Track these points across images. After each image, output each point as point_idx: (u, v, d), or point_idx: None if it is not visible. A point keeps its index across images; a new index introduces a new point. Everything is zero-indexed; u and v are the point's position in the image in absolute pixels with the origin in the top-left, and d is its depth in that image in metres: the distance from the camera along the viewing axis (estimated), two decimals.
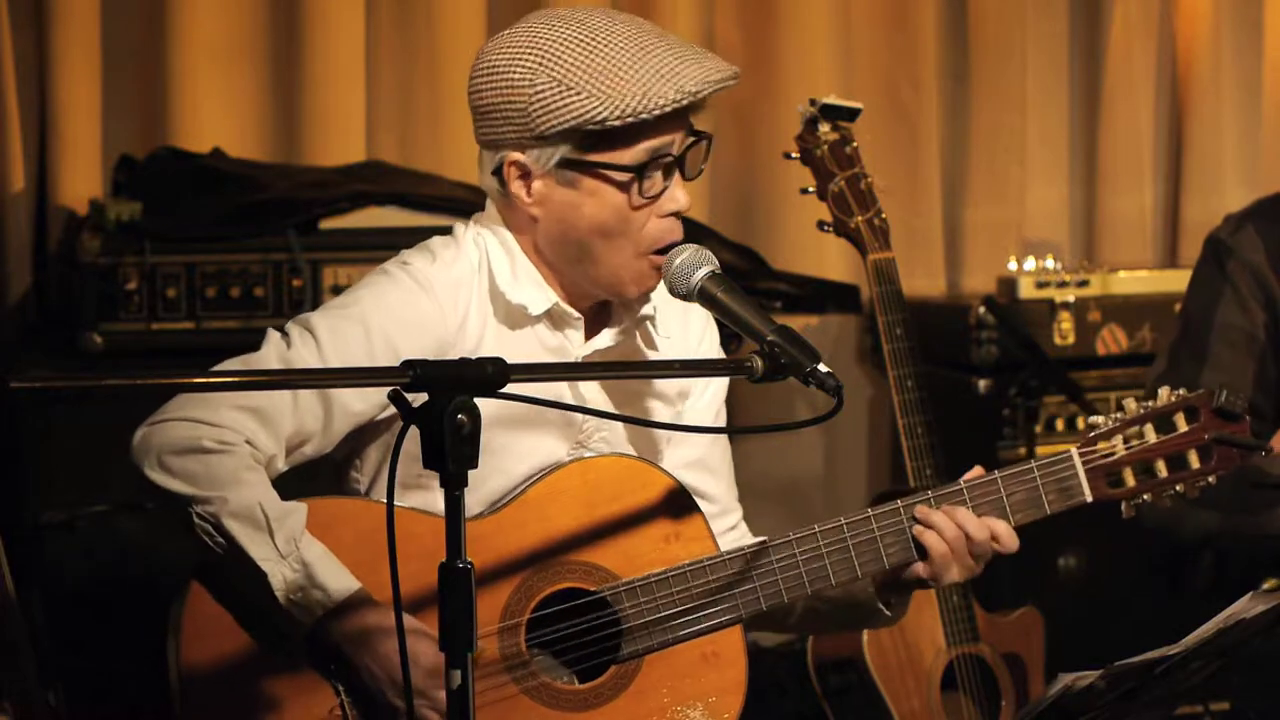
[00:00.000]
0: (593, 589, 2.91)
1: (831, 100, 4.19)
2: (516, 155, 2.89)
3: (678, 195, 2.90)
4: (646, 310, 3.02)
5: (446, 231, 3.06)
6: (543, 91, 2.83)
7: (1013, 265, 5.20)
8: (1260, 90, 5.73)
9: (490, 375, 2.41)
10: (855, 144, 4.19)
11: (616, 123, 2.81)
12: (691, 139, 2.91)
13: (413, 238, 3.06)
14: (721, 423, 3.16)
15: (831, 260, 5.31)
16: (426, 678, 2.71)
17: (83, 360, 4.38)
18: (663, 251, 2.90)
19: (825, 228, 4.21)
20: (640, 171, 2.86)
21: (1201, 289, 3.78)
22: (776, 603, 2.94)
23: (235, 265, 4.45)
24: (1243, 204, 3.98)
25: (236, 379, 2.68)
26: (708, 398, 3.14)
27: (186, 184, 4.62)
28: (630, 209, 2.87)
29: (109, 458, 2.84)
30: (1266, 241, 3.73)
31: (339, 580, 2.78)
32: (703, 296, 2.86)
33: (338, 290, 4.44)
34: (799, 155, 4.20)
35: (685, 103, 2.82)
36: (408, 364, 2.36)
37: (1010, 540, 2.96)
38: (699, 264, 2.86)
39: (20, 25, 4.81)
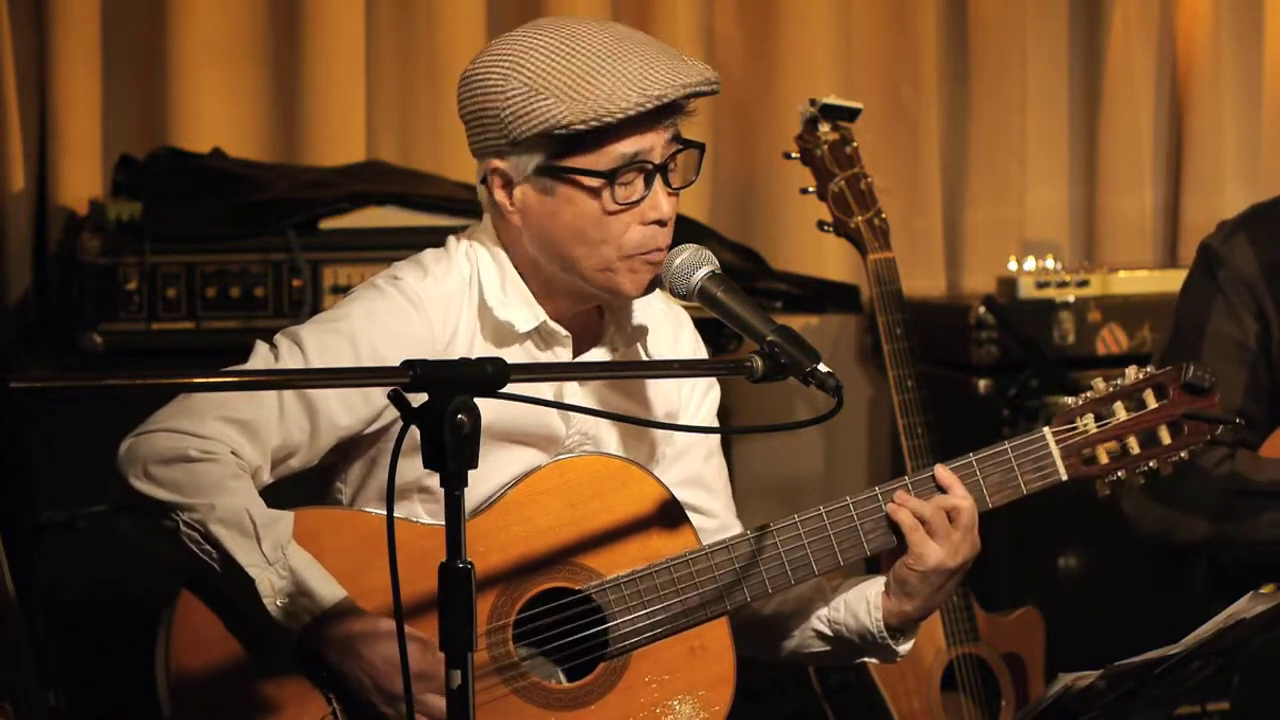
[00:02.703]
0: (578, 587, 2.91)
1: (831, 100, 4.19)
2: (498, 163, 2.89)
3: (660, 203, 2.87)
4: (640, 320, 3.03)
5: (447, 232, 3.05)
6: (513, 97, 2.83)
7: (1013, 265, 5.20)
8: (1260, 90, 5.72)
9: (490, 375, 2.41)
10: (855, 144, 4.19)
11: (581, 127, 2.80)
12: (677, 147, 2.90)
13: (413, 238, 3.06)
14: (715, 439, 3.16)
15: (831, 260, 5.31)
16: (414, 682, 2.71)
17: (83, 360, 4.38)
18: (645, 254, 2.89)
19: (825, 228, 4.22)
20: (612, 177, 2.84)
21: (1193, 298, 3.78)
22: (761, 593, 2.95)
23: (235, 265, 4.45)
24: (1243, 204, 3.98)
25: (237, 379, 2.68)
26: (699, 420, 3.14)
27: (186, 184, 4.61)
28: (604, 214, 2.85)
29: (109, 458, 2.84)
30: (1258, 250, 3.73)
31: (326, 587, 2.78)
32: (703, 296, 2.86)
33: (338, 290, 4.44)
34: (799, 155, 4.20)
35: (649, 106, 2.80)
36: (408, 364, 2.37)
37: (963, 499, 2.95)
38: (699, 264, 2.87)
39: (20, 25, 4.82)
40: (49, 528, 4.22)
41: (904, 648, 3.05)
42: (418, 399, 2.37)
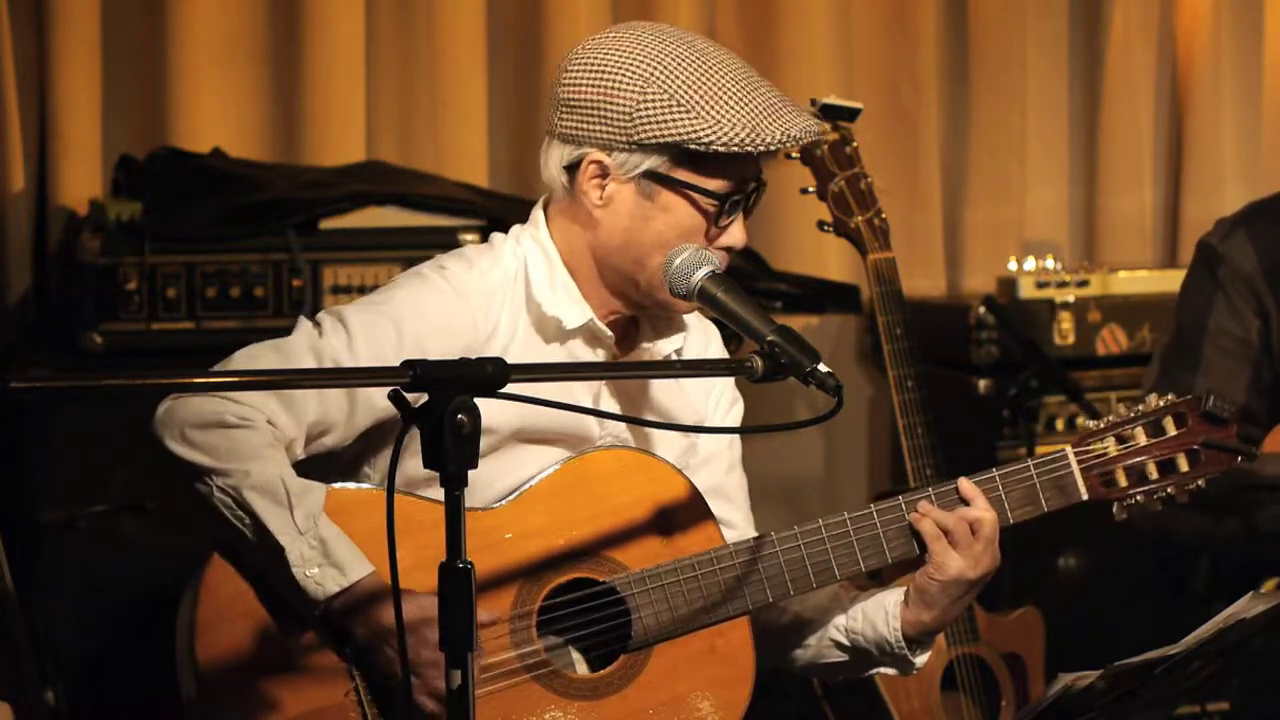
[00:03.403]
0: (602, 579, 2.92)
1: (831, 100, 4.19)
2: (600, 155, 2.90)
3: (737, 233, 2.93)
4: (675, 328, 3.05)
5: (447, 232, 3.06)
6: (652, 101, 2.85)
7: (1013, 265, 5.20)
8: (1260, 90, 5.73)
9: (490, 375, 2.41)
10: (855, 144, 4.19)
11: (720, 149, 2.84)
12: (756, 183, 2.94)
13: (413, 238, 3.06)
14: (738, 452, 3.18)
15: (831, 260, 5.31)
16: (438, 650, 2.71)
17: (83, 360, 4.38)
18: None
19: (825, 228, 4.22)
20: (724, 200, 2.89)
21: (1193, 295, 3.78)
22: (782, 593, 2.96)
23: (235, 265, 4.45)
24: (1242, 204, 3.98)
25: (235, 379, 2.69)
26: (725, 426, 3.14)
27: (186, 184, 4.61)
28: (698, 232, 2.90)
29: (109, 458, 2.84)
30: (1258, 247, 3.72)
31: (355, 561, 2.78)
32: (702, 296, 2.87)
33: (338, 290, 4.44)
34: (799, 155, 4.20)
35: (788, 146, 2.87)
36: (407, 364, 2.37)
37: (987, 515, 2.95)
38: (699, 264, 2.88)
39: (20, 25, 4.81)
40: (49, 528, 4.22)
41: (921, 659, 3.06)
42: (420, 398, 2.38)
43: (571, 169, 2.92)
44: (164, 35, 4.91)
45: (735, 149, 2.84)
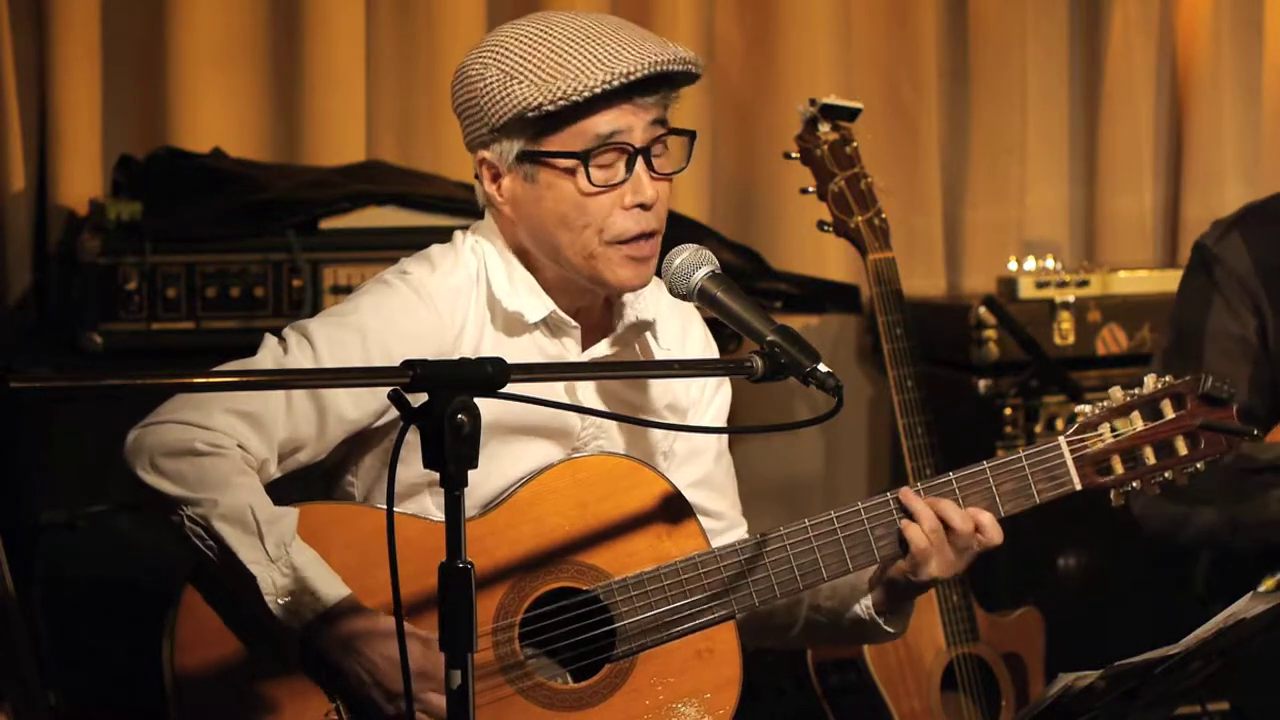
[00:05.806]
0: (586, 588, 2.91)
1: (831, 100, 4.19)
2: (485, 154, 2.92)
3: (642, 187, 2.88)
4: (645, 316, 3.02)
5: (446, 232, 3.06)
6: (491, 84, 2.86)
7: (1013, 265, 5.20)
8: (1260, 90, 5.72)
9: (490, 375, 2.41)
10: (855, 144, 4.19)
11: (550, 107, 2.82)
12: (661, 131, 2.89)
13: (413, 238, 3.06)
14: (725, 438, 3.16)
15: (831, 260, 5.31)
16: (416, 680, 2.71)
17: (83, 360, 4.38)
18: (630, 241, 2.89)
19: (825, 228, 4.22)
20: (585, 157, 2.85)
21: (1191, 298, 3.78)
22: (769, 598, 2.95)
23: (235, 265, 4.45)
24: (1242, 203, 3.98)
25: (237, 379, 2.68)
26: (708, 419, 3.14)
27: (186, 184, 4.61)
28: (583, 197, 2.86)
29: (109, 458, 2.83)
30: (1252, 249, 3.73)
31: (328, 585, 2.78)
32: (703, 296, 2.85)
33: (338, 290, 4.44)
34: (799, 155, 4.20)
35: (616, 84, 2.81)
36: (408, 364, 2.37)
37: (994, 532, 2.95)
38: (699, 264, 2.86)
39: (20, 25, 4.82)
40: (49, 528, 4.22)
41: (900, 628, 3.06)
42: (418, 398, 2.37)
43: (479, 176, 2.94)
44: (164, 35, 4.91)
45: (563, 102, 2.81)
